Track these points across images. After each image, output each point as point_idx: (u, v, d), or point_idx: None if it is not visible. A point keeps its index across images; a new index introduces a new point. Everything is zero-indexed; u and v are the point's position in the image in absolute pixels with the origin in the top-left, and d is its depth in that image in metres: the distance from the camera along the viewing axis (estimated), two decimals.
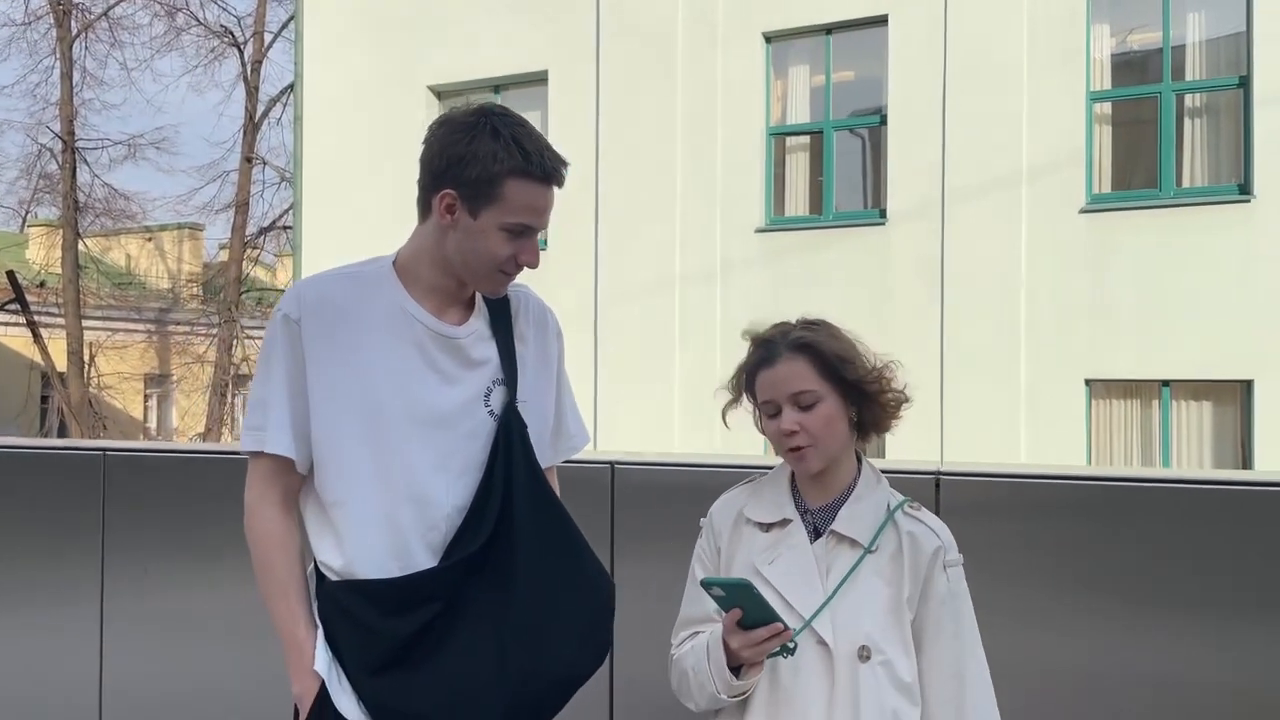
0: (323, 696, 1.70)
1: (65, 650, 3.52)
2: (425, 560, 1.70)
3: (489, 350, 1.79)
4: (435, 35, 12.35)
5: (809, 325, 1.77)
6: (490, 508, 1.71)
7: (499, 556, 1.71)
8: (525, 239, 1.71)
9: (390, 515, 1.69)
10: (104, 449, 3.49)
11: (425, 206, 1.74)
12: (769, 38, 10.89)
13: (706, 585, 1.64)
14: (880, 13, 10.32)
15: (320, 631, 1.73)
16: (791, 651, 1.64)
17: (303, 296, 1.74)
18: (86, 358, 21.10)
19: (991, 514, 2.46)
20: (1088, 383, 9.54)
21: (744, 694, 1.68)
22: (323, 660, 1.71)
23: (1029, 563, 2.45)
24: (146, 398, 24.59)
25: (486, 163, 1.65)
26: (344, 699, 1.69)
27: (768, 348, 1.75)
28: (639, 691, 2.73)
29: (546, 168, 1.69)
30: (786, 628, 1.61)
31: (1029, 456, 9.37)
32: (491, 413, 1.76)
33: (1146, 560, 2.37)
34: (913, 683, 1.67)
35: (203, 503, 3.35)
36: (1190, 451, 9.33)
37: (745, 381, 1.79)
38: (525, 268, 1.73)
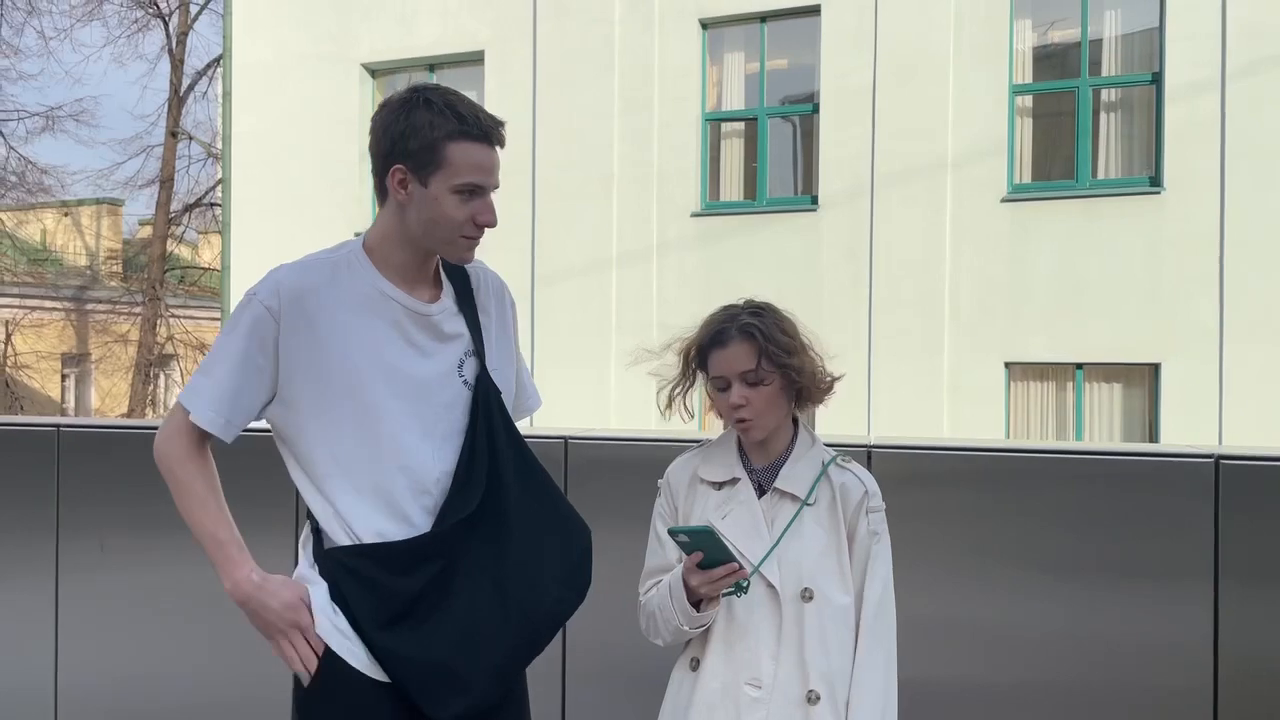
0: (329, 656, 1.80)
1: (19, 627, 3.56)
2: (422, 522, 1.84)
3: (459, 324, 1.92)
4: (370, 12, 12.25)
5: (756, 311, 1.98)
6: (477, 470, 1.85)
7: (491, 514, 1.85)
8: (478, 199, 1.81)
9: (383, 484, 1.82)
10: (58, 425, 3.52)
11: (382, 189, 1.85)
12: (705, 24, 11.05)
13: (673, 533, 1.87)
14: (813, 3, 10.56)
15: (324, 589, 1.83)
16: (745, 590, 1.87)
17: (282, 287, 1.82)
18: (2, 336, 20.49)
19: (919, 484, 2.67)
20: (1006, 365, 9.95)
21: (704, 625, 1.92)
22: (325, 622, 1.81)
23: (952, 527, 2.67)
24: (64, 377, 23.93)
25: (425, 132, 1.77)
26: (352, 653, 1.80)
27: (721, 330, 1.96)
28: (592, 653, 2.89)
29: (483, 127, 1.79)
30: (741, 566, 1.83)
31: (951, 435, 9.75)
32: (465, 382, 1.89)
33: (1055, 525, 2.60)
34: (850, 613, 1.92)
35: (158, 478, 3.40)
36: (1101, 431, 9.80)
37: (698, 358, 1.98)
38: (485, 228, 1.83)
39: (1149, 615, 2.52)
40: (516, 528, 1.87)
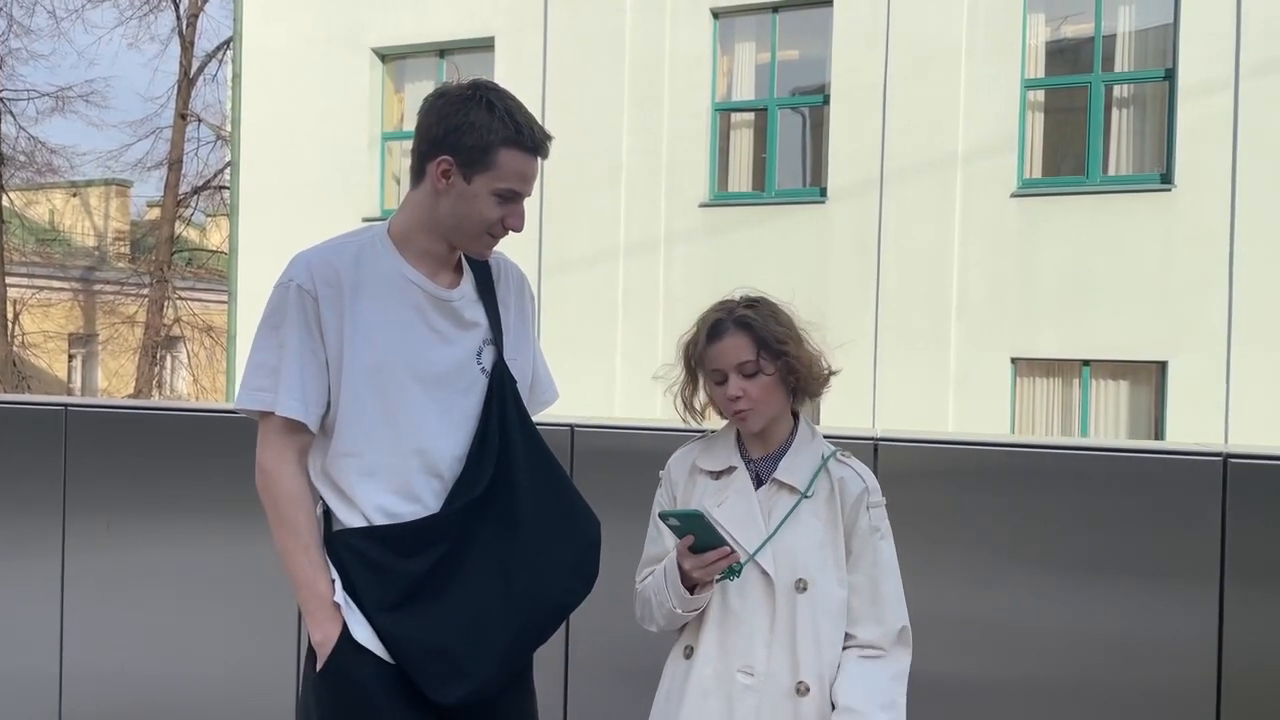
0: (342, 634, 1.82)
1: (25, 606, 3.57)
2: (431, 504, 1.85)
3: (478, 312, 1.94)
4: None
5: (751, 304, 1.99)
6: (488, 456, 1.87)
7: (500, 499, 1.87)
8: (513, 204, 1.87)
9: (398, 465, 1.84)
10: (65, 404, 3.53)
11: (420, 172, 1.88)
12: (716, 13, 11.01)
13: (663, 517, 1.89)
14: None
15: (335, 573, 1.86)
16: (737, 573, 1.88)
17: (312, 267, 1.86)
18: (10, 315, 20.54)
19: (923, 478, 2.67)
20: (1013, 360, 9.93)
21: (697, 609, 1.93)
22: (340, 596, 1.83)
23: (957, 522, 2.66)
24: (71, 357, 24.00)
25: (482, 132, 1.81)
26: (360, 629, 1.82)
27: (716, 324, 1.98)
28: (595, 642, 2.90)
29: (536, 139, 1.86)
30: (733, 550, 1.85)
31: (956, 430, 9.74)
32: (483, 370, 1.92)
33: (1060, 522, 2.60)
34: (844, 606, 1.92)
35: (165, 458, 3.42)
36: (1108, 428, 9.78)
37: (699, 354, 1.99)
38: (511, 231, 1.89)
39: (1153, 613, 2.52)
40: (526, 516, 1.89)
